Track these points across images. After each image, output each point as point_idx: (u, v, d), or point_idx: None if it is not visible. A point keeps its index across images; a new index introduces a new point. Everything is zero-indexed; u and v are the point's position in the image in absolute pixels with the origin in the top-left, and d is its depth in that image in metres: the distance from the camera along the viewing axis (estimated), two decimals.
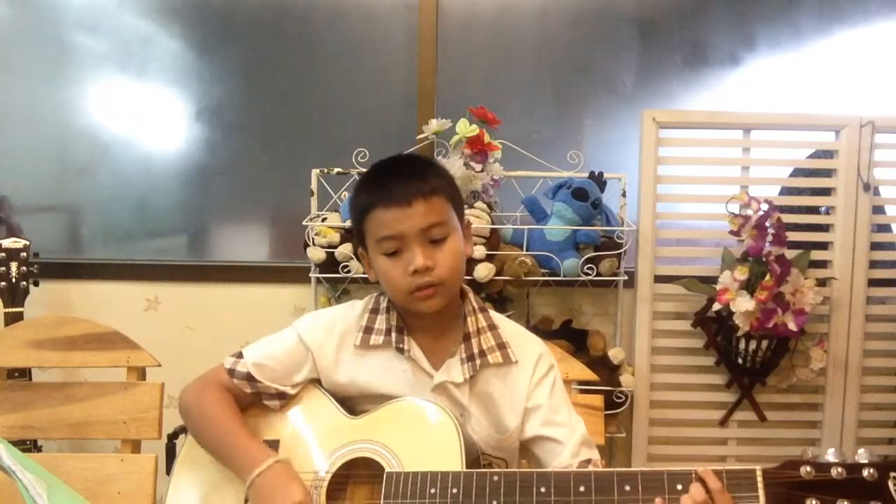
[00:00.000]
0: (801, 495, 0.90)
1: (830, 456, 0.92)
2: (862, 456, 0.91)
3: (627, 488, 0.96)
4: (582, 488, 0.97)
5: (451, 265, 1.09)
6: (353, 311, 1.19)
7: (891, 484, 0.89)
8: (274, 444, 1.11)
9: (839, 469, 0.90)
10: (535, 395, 1.14)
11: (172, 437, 1.59)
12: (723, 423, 2.16)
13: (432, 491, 0.99)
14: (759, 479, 0.93)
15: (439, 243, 1.08)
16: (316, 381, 1.17)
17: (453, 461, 1.02)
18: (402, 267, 1.07)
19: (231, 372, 1.14)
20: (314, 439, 1.12)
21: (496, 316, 1.21)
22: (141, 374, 1.37)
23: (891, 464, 0.90)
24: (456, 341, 1.15)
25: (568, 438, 1.12)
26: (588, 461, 1.10)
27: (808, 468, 0.91)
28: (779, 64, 2.32)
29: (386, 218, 1.07)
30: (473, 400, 1.13)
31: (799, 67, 2.32)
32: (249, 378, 1.13)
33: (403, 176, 1.08)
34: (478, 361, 1.13)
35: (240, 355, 1.15)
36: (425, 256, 1.06)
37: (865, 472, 0.89)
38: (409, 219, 1.06)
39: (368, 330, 1.15)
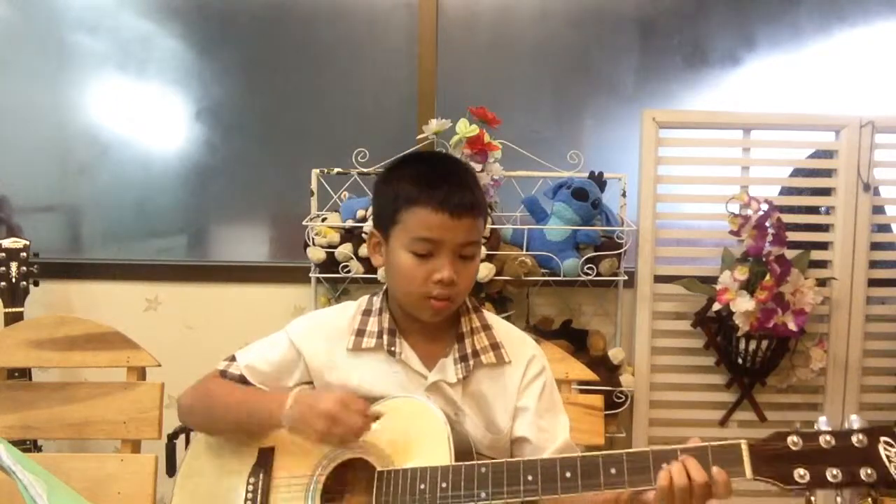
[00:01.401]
0: (789, 467, 0.88)
1: (821, 425, 0.89)
2: (854, 422, 0.88)
3: (613, 471, 0.96)
4: (568, 474, 0.97)
5: (469, 283, 1.11)
6: (345, 313, 1.19)
7: (881, 448, 0.86)
8: (269, 450, 1.11)
9: (827, 437, 0.87)
10: (525, 395, 1.15)
11: (172, 437, 1.59)
12: (723, 423, 2.16)
13: (422, 487, 1.00)
14: (745, 452, 0.91)
15: (467, 260, 1.09)
16: (309, 385, 1.16)
17: (442, 456, 1.03)
18: (427, 271, 1.07)
19: (223, 374, 1.15)
20: (308, 442, 1.11)
21: (490, 316, 1.21)
22: (141, 374, 1.37)
23: (880, 428, 0.87)
24: (450, 341, 1.15)
25: (548, 444, 1.12)
26: None
27: (796, 438, 0.88)
28: (779, 64, 2.32)
29: (432, 220, 1.05)
30: (467, 400, 1.13)
31: (799, 67, 2.32)
32: (242, 380, 1.14)
33: (457, 184, 1.08)
34: (471, 362, 1.13)
35: (233, 358, 1.17)
36: (453, 270, 1.06)
37: (854, 439, 0.87)
38: (453, 230, 1.06)
39: (360, 332, 1.15)
